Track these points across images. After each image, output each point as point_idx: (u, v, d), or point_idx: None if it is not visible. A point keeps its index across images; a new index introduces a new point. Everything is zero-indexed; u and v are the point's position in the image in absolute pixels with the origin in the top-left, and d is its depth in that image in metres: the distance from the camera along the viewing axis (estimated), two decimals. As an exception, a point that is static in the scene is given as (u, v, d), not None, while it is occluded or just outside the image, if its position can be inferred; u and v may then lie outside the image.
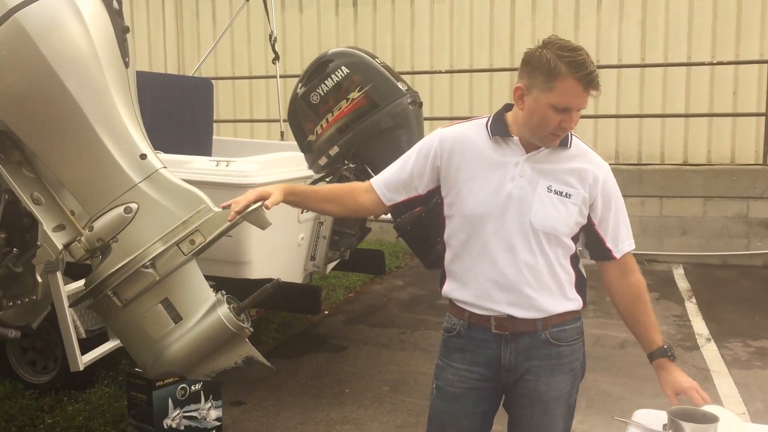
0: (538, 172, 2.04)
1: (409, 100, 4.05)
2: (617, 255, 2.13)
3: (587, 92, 1.94)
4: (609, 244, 2.12)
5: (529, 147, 2.06)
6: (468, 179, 2.08)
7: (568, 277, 2.11)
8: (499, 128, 2.09)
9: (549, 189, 2.03)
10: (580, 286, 2.16)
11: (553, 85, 1.93)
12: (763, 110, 8.08)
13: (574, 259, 2.13)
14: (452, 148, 2.11)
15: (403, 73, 5.97)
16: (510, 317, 2.08)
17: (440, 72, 9.48)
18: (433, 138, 2.16)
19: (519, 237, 2.04)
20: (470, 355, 2.15)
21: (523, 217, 2.03)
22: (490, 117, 2.15)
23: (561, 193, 2.03)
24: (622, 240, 2.13)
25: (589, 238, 2.14)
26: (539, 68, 1.95)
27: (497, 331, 2.10)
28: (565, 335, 2.13)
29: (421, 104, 4.18)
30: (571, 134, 2.10)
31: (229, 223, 2.25)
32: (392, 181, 2.20)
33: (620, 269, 2.16)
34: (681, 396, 2.08)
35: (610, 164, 2.18)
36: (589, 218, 2.10)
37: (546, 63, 1.93)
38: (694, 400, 2.04)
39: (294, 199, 2.18)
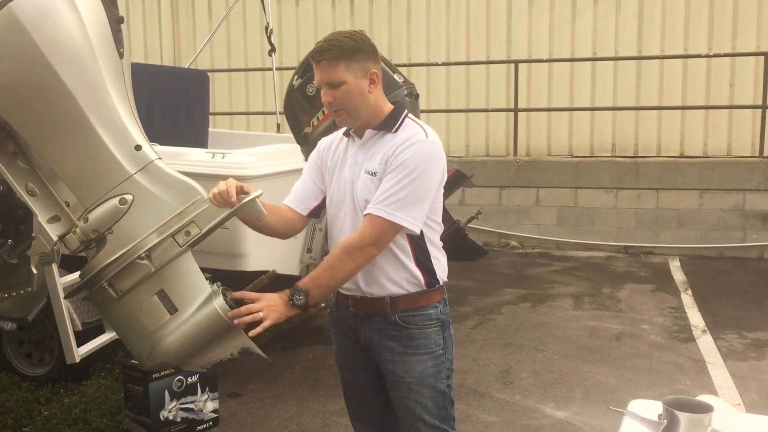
0: (365, 157, 2.26)
1: (405, 92, 4.04)
2: (364, 212, 2.18)
3: (318, 65, 2.17)
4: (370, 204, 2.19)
5: (362, 135, 2.28)
6: (331, 175, 2.34)
7: (403, 251, 2.23)
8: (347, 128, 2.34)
9: (366, 171, 2.24)
10: (422, 261, 2.26)
11: None
12: (760, 102, 8.10)
13: (411, 235, 2.21)
14: (326, 150, 2.39)
15: (399, 65, 5.94)
16: (364, 298, 2.28)
17: (437, 64, 9.47)
18: (316, 148, 2.45)
19: (355, 217, 2.23)
20: (341, 329, 2.42)
21: (354, 197, 2.24)
22: None
23: (371, 173, 2.22)
24: (376, 201, 2.15)
25: None
26: None
27: (353, 310, 2.33)
28: (414, 320, 2.27)
29: (417, 96, 4.18)
30: (403, 119, 2.23)
31: (224, 215, 2.25)
32: (301, 193, 2.41)
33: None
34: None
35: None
36: None
37: None
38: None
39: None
